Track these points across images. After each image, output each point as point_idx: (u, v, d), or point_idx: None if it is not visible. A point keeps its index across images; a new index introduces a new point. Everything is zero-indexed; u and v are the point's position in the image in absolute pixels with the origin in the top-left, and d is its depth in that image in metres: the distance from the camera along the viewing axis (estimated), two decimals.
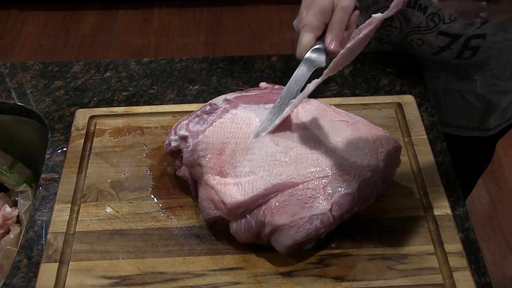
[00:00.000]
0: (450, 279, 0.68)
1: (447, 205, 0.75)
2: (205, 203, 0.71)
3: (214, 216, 0.70)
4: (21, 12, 2.75)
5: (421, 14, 0.89)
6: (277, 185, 0.68)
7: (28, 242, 0.74)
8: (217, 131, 0.72)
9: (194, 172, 0.73)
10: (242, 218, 0.69)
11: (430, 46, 0.93)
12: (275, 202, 0.67)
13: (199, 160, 0.72)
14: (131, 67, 1.00)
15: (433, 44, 0.92)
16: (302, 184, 0.68)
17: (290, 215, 0.66)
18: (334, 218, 0.67)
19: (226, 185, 0.69)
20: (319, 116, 0.75)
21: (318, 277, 0.69)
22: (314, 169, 0.69)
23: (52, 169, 0.83)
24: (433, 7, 0.87)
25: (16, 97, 0.95)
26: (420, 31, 0.91)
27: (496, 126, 1.05)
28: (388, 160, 0.73)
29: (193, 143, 0.72)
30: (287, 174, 0.68)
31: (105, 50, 2.56)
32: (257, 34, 2.62)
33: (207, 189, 0.71)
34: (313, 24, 0.77)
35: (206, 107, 0.77)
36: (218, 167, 0.71)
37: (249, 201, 0.67)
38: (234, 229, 0.70)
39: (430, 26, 0.89)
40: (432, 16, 0.88)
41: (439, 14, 0.87)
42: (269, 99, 0.77)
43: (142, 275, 0.69)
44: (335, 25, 0.77)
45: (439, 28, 0.89)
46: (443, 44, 0.91)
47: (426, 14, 0.88)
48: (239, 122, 0.73)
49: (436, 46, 0.92)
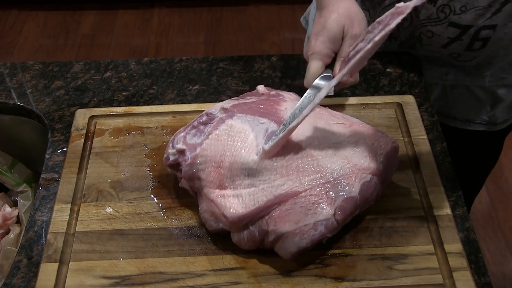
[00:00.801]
0: (450, 279, 0.68)
1: (447, 205, 0.75)
2: (206, 215, 0.71)
3: (217, 228, 0.70)
4: (21, 12, 2.75)
5: (431, 6, 0.88)
6: (280, 196, 0.67)
7: (28, 242, 0.74)
8: (213, 144, 0.72)
9: (193, 185, 0.73)
10: (245, 230, 0.69)
11: (440, 37, 0.92)
12: (278, 211, 0.67)
13: (198, 174, 0.71)
14: (131, 67, 1.00)
15: (443, 35, 0.91)
16: (305, 192, 0.67)
17: (294, 222, 0.66)
18: (338, 222, 0.67)
19: (225, 198, 0.69)
20: (315, 120, 0.75)
21: (318, 277, 0.69)
22: (315, 176, 0.68)
23: (52, 169, 0.83)
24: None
25: (16, 97, 0.95)
26: (430, 22, 0.90)
27: (504, 121, 1.04)
28: (387, 161, 0.73)
29: (191, 156, 0.72)
30: (289, 184, 0.68)
31: (105, 50, 2.56)
32: (257, 34, 2.62)
33: (207, 202, 0.70)
34: (323, 52, 0.77)
35: (203, 117, 0.76)
36: (217, 180, 0.70)
37: (251, 214, 0.67)
38: (237, 239, 0.70)
39: (440, 17, 0.88)
40: (442, 7, 0.87)
41: (450, 5, 0.86)
42: (265, 110, 0.75)
43: (142, 275, 0.69)
44: (345, 54, 0.76)
45: (449, 19, 0.88)
46: (453, 35, 0.90)
47: (436, 6, 0.87)
48: (234, 135, 0.72)
49: (446, 38, 0.91)
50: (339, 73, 0.70)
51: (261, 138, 0.72)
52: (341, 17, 0.77)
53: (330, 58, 0.78)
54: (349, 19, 0.78)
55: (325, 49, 0.77)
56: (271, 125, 0.73)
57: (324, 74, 0.77)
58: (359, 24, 0.78)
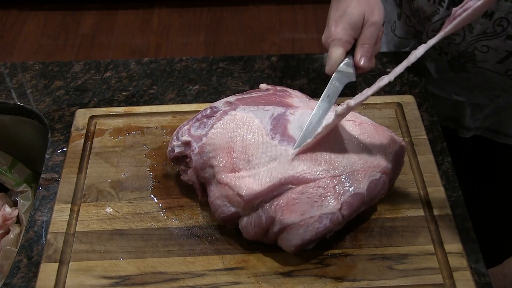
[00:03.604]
0: (450, 279, 0.68)
1: (447, 205, 0.75)
2: (218, 201, 0.71)
3: (229, 213, 0.70)
4: (21, 12, 2.75)
5: (486, 20, 0.84)
6: (293, 177, 0.67)
7: (28, 242, 0.74)
8: (220, 132, 0.72)
9: (204, 174, 0.73)
10: (254, 212, 0.68)
11: (497, 52, 0.88)
12: (287, 198, 0.67)
13: (210, 162, 0.71)
14: (131, 67, 1.00)
15: (501, 49, 0.87)
16: (314, 182, 0.67)
17: (300, 213, 0.66)
18: (343, 217, 0.67)
19: (240, 179, 0.69)
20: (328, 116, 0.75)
21: (318, 277, 0.69)
22: (326, 167, 0.68)
23: (52, 169, 0.83)
24: (500, 11, 0.82)
25: (16, 97, 0.95)
26: (486, 37, 0.87)
27: None
28: (396, 161, 0.73)
29: (198, 146, 0.72)
30: (302, 167, 0.68)
31: (105, 50, 2.56)
32: (257, 34, 2.62)
33: (220, 187, 0.70)
34: (343, 39, 0.76)
35: (207, 110, 0.76)
36: (230, 164, 0.70)
37: (266, 191, 0.67)
38: (244, 224, 0.70)
39: (497, 31, 0.85)
40: (500, 20, 0.83)
41: (508, 18, 0.83)
42: (270, 101, 0.76)
43: (142, 275, 0.69)
44: (366, 41, 0.76)
45: (507, 32, 0.84)
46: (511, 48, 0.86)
47: (493, 20, 0.84)
48: (239, 122, 0.73)
49: (504, 51, 0.87)
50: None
51: (266, 121, 0.72)
52: (361, 4, 0.77)
53: (350, 45, 0.78)
54: (368, 6, 0.77)
55: (346, 36, 0.77)
56: (277, 110, 0.74)
57: (345, 61, 0.77)
58: (379, 12, 0.78)
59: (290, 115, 0.74)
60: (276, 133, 0.72)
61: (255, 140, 0.71)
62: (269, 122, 0.73)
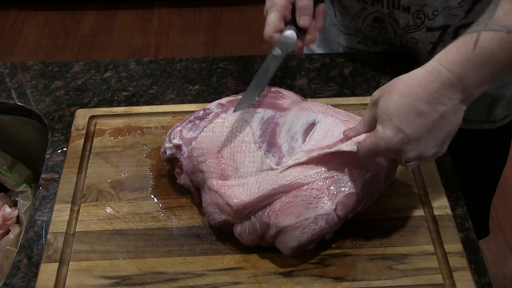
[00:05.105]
0: (450, 279, 0.68)
1: (447, 205, 0.75)
2: (210, 208, 0.71)
3: (220, 220, 0.70)
4: (21, 12, 2.75)
5: (406, 14, 0.89)
6: (284, 186, 0.67)
7: (28, 242, 0.74)
8: (209, 136, 0.72)
9: (196, 178, 0.73)
10: (247, 220, 0.69)
11: (423, 44, 0.93)
12: (280, 203, 0.67)
13: (199, 166, 0.72)
14: (131, 67, 1.00)
15: (425, 41, 0.92)
16: (307, 185, 0.67)
17: (295, 216, 0.66)
18: (339, 218, 0.67)
19: (230, 187, 0.69)
20: (320, 116, 0.75)
21: (318, 277, 0.69)
22: (319, 169, 0.69)
23: (52, 169, 0.83)
24: (415, 5, 0.86)
25: (16, 97, 0.95)
26: (411, 30, 0.91)
27: (504, 117, 1.04)
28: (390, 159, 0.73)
29: (187, 150, 0.73)
30: (293, 174, 0.68)
31: (105, 50, 2.56)
32: (257, 34, 2.62)
33: (211, 194, 0.70)
34: (279, 3, 0.77)
35: (200, 112, 0.77)
36: (219, 170, 0.70)
37: (255, 202, 0.67)
38: (238, 232, 0.70)
39: (417, 23, 0.89)
40: (417, 13, 0.88)
41: (423, 10, 0.87)
42: (261, 103, 0.76)
43: (142, 275, 0.69)
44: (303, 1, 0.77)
45: (426, 25, 0.89)
46: (434, 39, 0.91)
47: (411, 13, 0.88)
48: (229, 126, 0.73)
49: (429, 43, 0.92)
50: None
51: (256, 125, 0.73)
52: None
53: (287, 10, 0.78)
54: None
55: (282, 0, 0.77)
56: (267, 113, 0.75)
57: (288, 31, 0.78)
58: None
59: (280, 118, 0.74)
60: (264, 141, 0.72)
61: (242, 148, 0.71)
62: (259, 127, 0.73)
